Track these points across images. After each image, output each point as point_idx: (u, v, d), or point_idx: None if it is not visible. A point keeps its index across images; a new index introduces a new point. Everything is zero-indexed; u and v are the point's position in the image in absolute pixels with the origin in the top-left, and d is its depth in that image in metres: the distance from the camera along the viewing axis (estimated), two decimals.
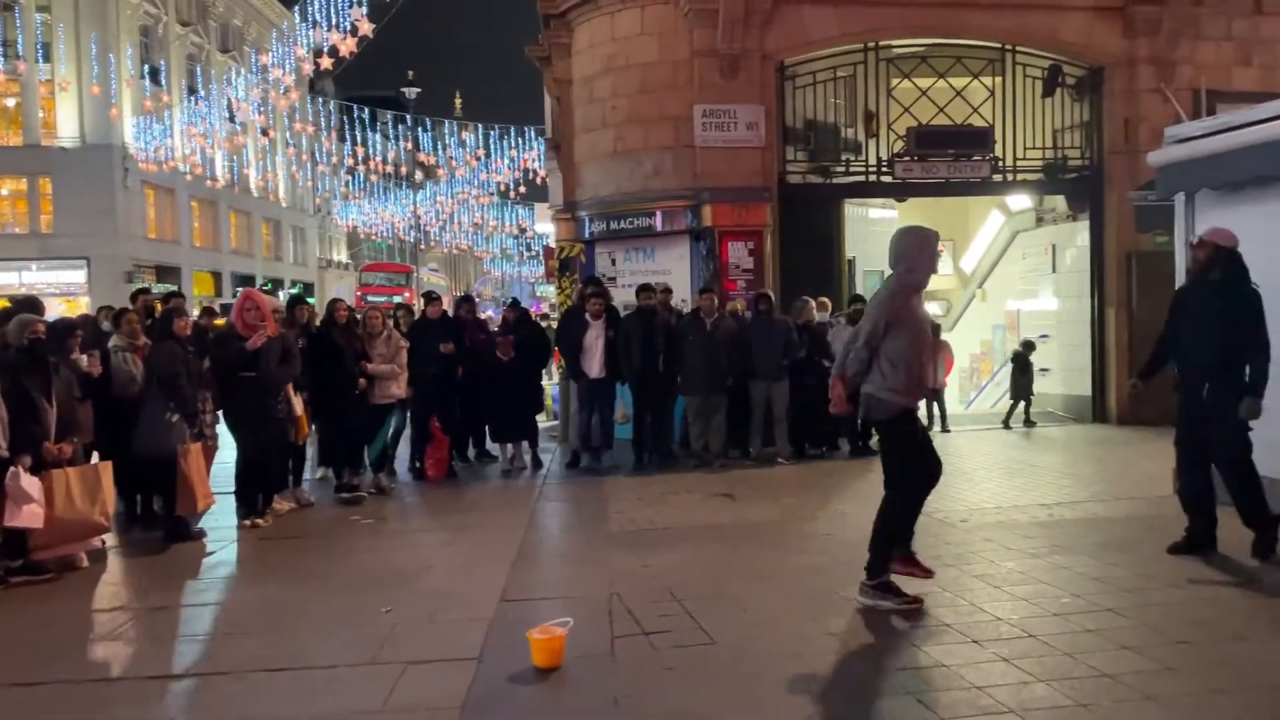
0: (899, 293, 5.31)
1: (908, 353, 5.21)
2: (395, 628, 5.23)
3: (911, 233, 5.53)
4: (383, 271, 41.22)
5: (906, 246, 5.39)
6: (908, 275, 5.36)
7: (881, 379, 5.26)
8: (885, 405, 5.28)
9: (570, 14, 13.06)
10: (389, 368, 9.07)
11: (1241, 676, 4.21)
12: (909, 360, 5.21)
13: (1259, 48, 13.17)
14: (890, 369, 5.23)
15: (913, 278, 5.36)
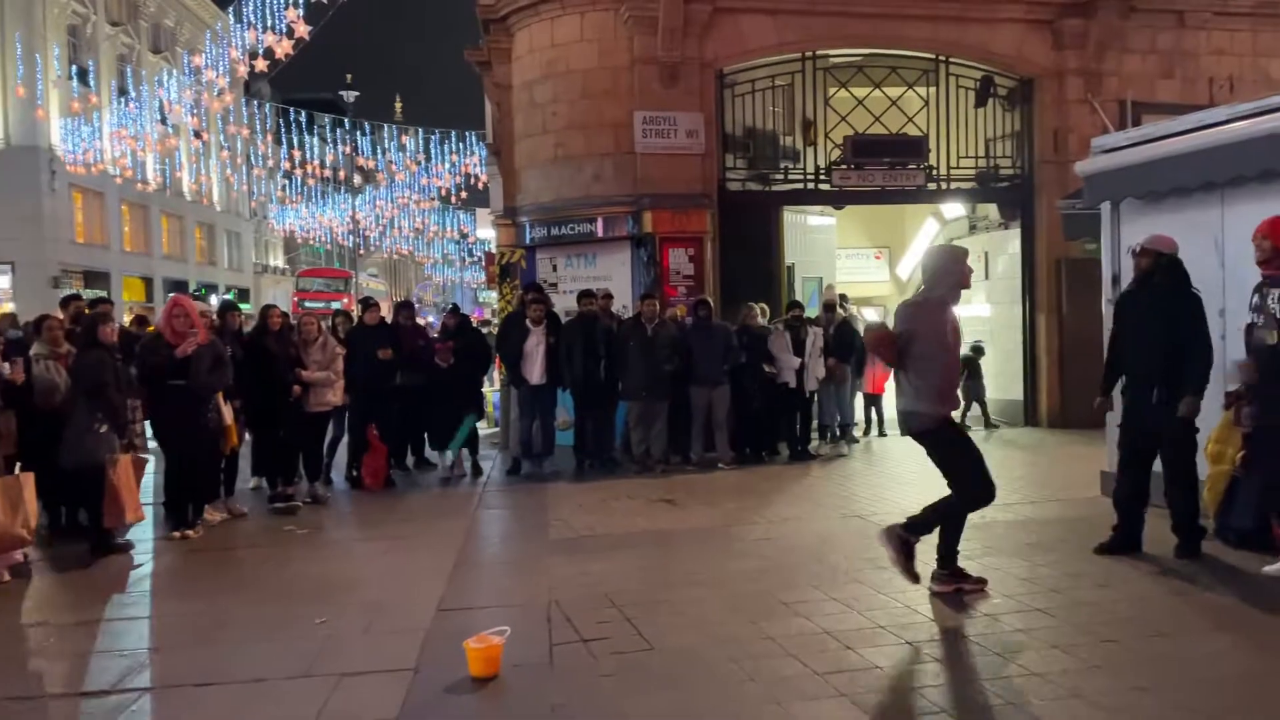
0: (923, 304, 5.46)
1: (931, 365, 5.35)
2: (329, 639, 5.15)
3: (936, 252, 5.74)
4: (320, 277, 40.51)
5: (930, 265, 5.56)
6: (930, 291, 5.52)
7: (914, 394, 5.38)
8: (921, 418, 5.41)
9: (510, 19, 13.01)
10: (325, 375, 8.94)
11: (1165, 673, 4.33)
12: (933, 371, 5.35)
13: (1181, 61, 13.60)
14: (920, 382, 5.35)
15: (935, 294, 5.50)
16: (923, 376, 5.36)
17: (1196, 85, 13.48)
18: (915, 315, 5.46)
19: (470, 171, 32.90)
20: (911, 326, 5.41)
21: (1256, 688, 4.12)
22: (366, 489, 9.74)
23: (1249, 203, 6.70)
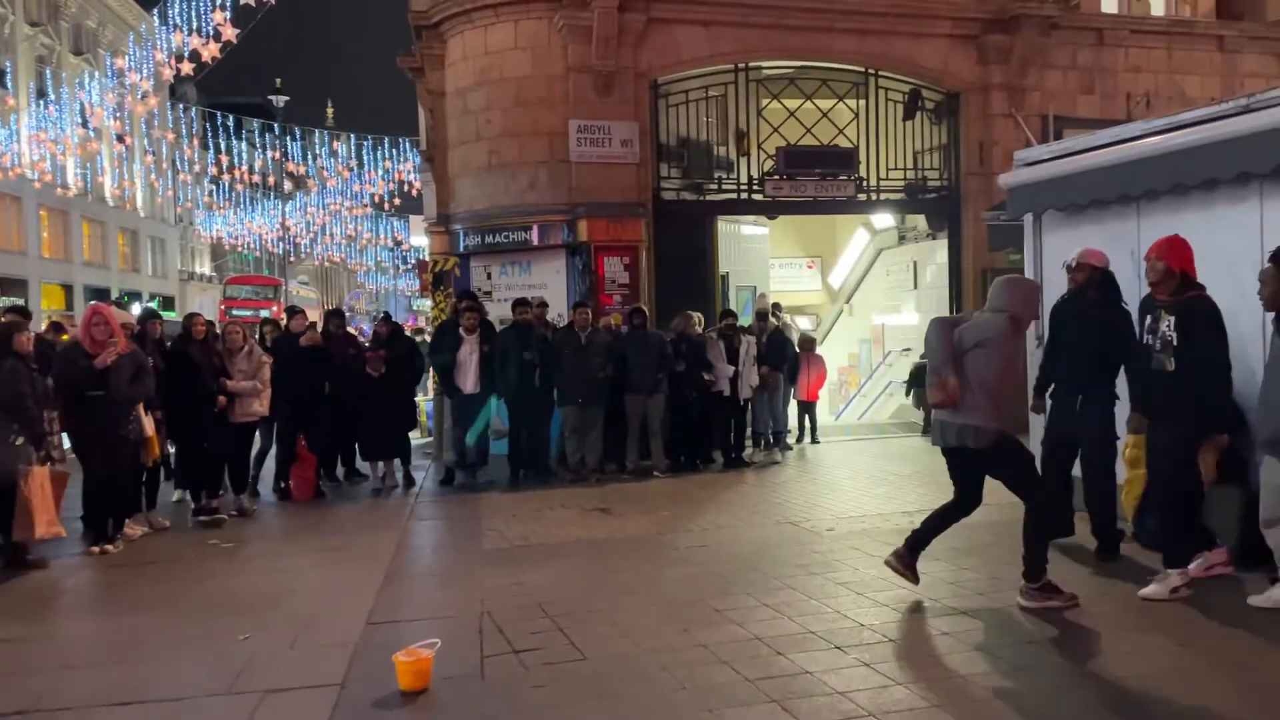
0: (1003, 325, 5.37)
1: (997, 380, 5.31)
2: (254, 655, 5.03)
3: (1019, 282, 5.72)
4: (249, 284, 39.73)
5: (1013, 292, 5.49)
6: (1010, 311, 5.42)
7: (974, 407, 5.28)
8: (983, 433, 5.30)
9: (443, 25, 12.92)
10: (250, 384, 8.75)
11: (1084, 673, 4.45)
12: (996, 387, 5.31)
13: (1101, 77, 14.06)
14: (984, 397, 5.27)
15: (1013, 317, 5.42)
16: (988, 392, 5.28)
17: (1115, 100, 13.95)
18: (995, 324, 5.37)
19: (404, 178, 32.55)
20: (988, 336, 5.34)
21: (1178, 685, 4.24)
22: (295, 501, 9.55)
23: (1163, 215, 6.93)
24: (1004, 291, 5.49)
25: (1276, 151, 5.80)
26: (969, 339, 5.34)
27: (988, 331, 5.34)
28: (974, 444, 5.33)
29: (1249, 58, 14.71)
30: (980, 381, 5.29)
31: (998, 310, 5.42)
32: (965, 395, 5.30)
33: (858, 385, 18.33)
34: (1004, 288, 5.53)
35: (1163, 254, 5.64)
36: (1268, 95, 6.07)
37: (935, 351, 5.44)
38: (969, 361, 5.32)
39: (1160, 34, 14.39)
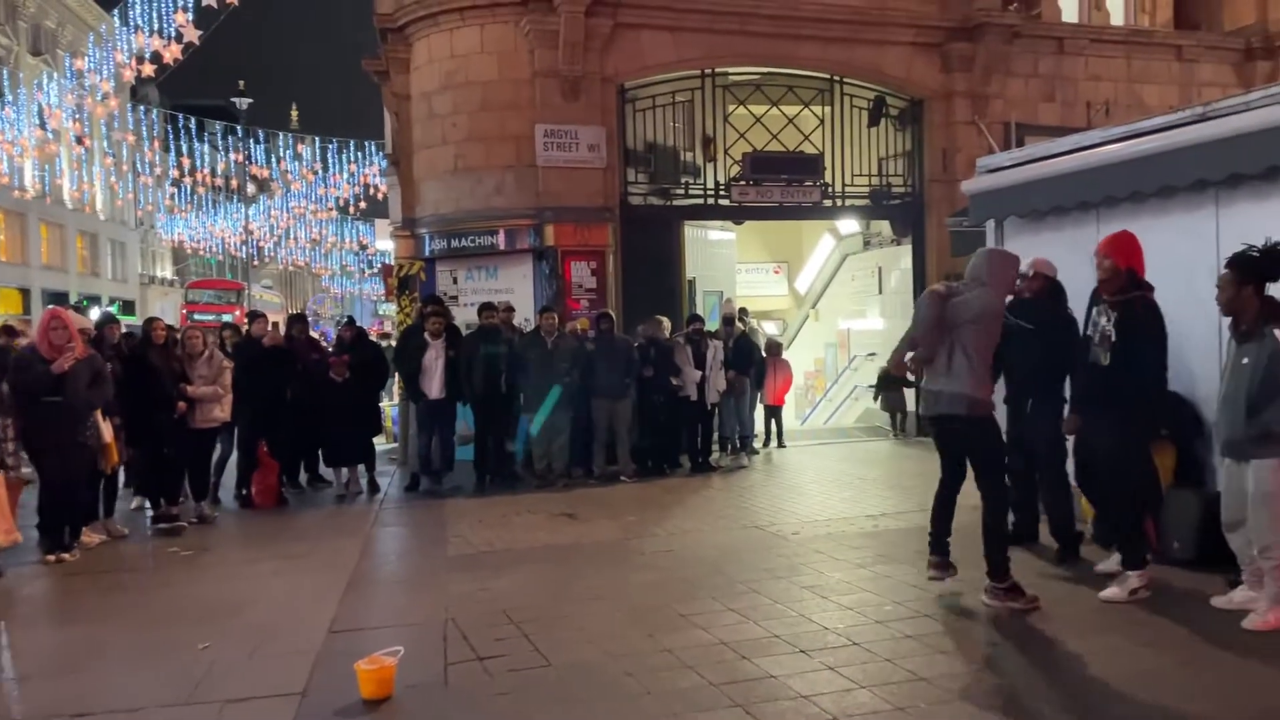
0: (988, 295, 5.42)
1: (988, 355, 5.42)
2: (213, 665, 4.96)
3: (993, 253, 5.82)
4: (211, 288, 39.22)
5: (987, 264, 5.56)
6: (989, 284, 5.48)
7: (968, 379, 5.34)
8: (976, 404, 5.37)
9: (408, 29, 12.84)
10: (211, 389, 8.63)
11: (1046, 674, 4.50)
12: (988, 362, 5.43)
13: (1062, 85, 14.25)
14: (980, 369, 5.35)
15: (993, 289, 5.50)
16: (980, 361, 5.37)
17: (1075, 108, 14.15)
18: (988, 301, 5.40)
19: (369, 182, 32.34)
20: (985, 311, 5.38)
21: (1140, 686, 4.29)
22: (257, 508, 9.43)
23: (1122, 221, 7.01)
24: (985, 264, 5.55)
25: (1232, 159, 5.91)
26: (964, 314, 5.37)
27: (982, 308, 5.38)
28: (966, 413, 5.39)
29: (1205, 67, 14.97)
30: (976, 355, 5.36)
31: (980, 281, 5.47)
32: (961, 365, 5.35)
33: (824, 390, 18.44)
34: (985, 261, 5.58)
35: (1110, 251, 5.75)
36: (1223, 104, 6.18)
37: (917, 329, 5.51)
38: (964, 335, 5.36)
39: (1119, 43, 14.61)
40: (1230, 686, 4.30)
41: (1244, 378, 4.97)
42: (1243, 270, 5.03)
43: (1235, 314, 5.10)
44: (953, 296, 5.43)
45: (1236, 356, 5.09)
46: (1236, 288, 5.04)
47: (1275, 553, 4.94)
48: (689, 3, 12.52)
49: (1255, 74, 14.66)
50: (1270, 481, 4.94)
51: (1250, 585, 5.18)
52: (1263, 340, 4.92)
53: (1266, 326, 4.94)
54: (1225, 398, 5.14)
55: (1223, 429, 5.18)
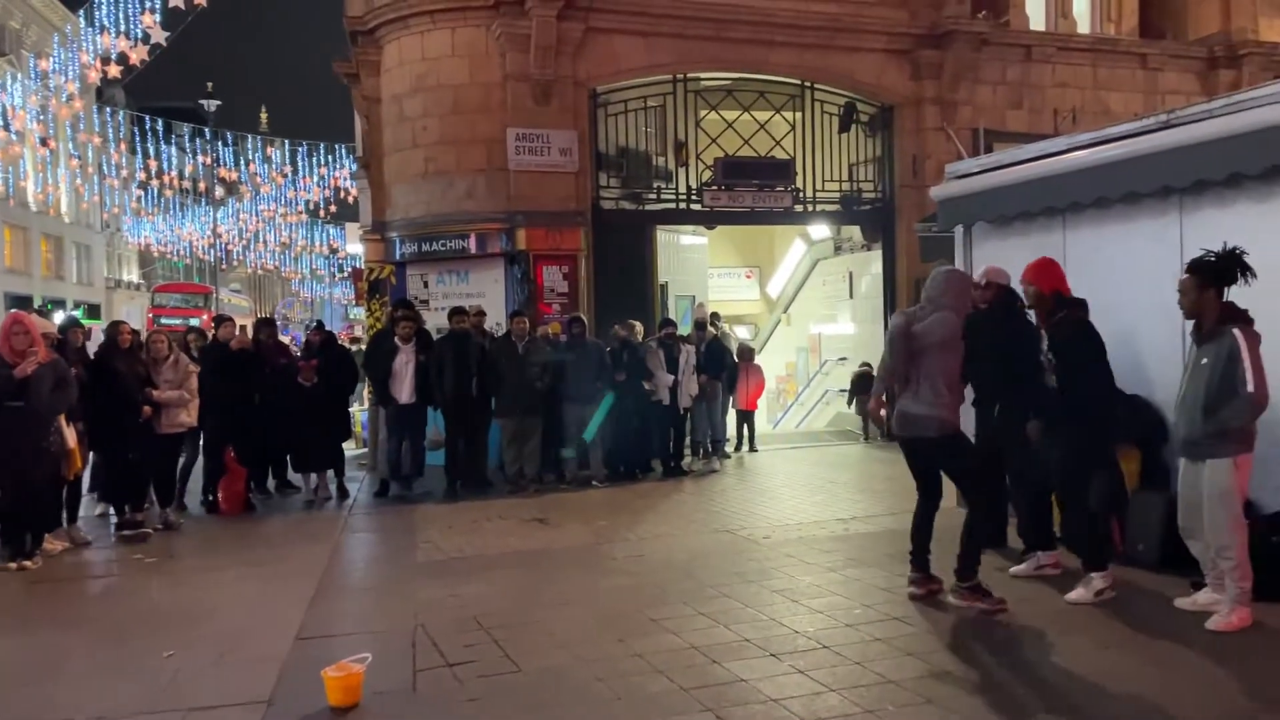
0: (949, 317, 5.53)
1: (956, 374, 5.55)
2: (178, 673, 4.89)
3: (951, 274, 5.87)
4: (178, 292, 38.72)
5: (946, 285, 5.64)
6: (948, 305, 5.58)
7: (937, 401, 5.45)
8: (944, 424, 5.47)
9: (379, 31, 12.78)
10: (176, 394, 8.52)
11: (1013, 675, 4.53)
12: (956, 381, 5.57)
13: (1029, 92, 14.41)
14: (945, 390, 5.47)
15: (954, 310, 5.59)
16: (950, 386, 5.51)
17: (1043, 115, 14.31)
18: (949, 323, 5.52)
19: (340, 185, 32.12)
20: (948, 334, 5.51)
21: (1108, 686, 4.33)
22: (224, 514, 9.33)
23: (1087, 227, 7.12)
24: (941, 285, 5.64)
25: (1196, 166, 6.00)
26: (928, 339, 5.49)
27: (944, 331, 5.49)
28: (935, 434, 5.50)
29: (1170, 75, 15.19)
30: (942, 377, 5.47)
31: (938, 304, 5.56)
32: (927, 389, 5.46)
33: (795, 394, 18.51)
34: (942, 282, 5.67)
35: (1032, 279, 6.01)
36: (1188, 111, 6.27)
37: (886, 364, 5.67)
38: (931, 358, 5.47)
39: (1086, 51, 14.79)
40: (1195, 687, 4.35)
41: (1203, 378, 5.04)
42: (1203, 274, 5.13)
43: (1197, 317, 5.19)
44: (915, 323, 5.57)
45: (1196, 358, 5.17)
46: (1198, 291, 5.14)
47: (1233, 552, 5.01)
48: (662, 8, 12.55)
49: (1218, 82, 14.89)
50: (1226, 481, 5.01)
51: (1213, 587, 5.25)
52: (1222, 339, 4.99)
53: (1227, 325, 5.01)
54: (1184, 398, 5.22)
55: (1181, 429, 5.25)
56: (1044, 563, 6.22)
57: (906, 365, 5.53)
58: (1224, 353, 4.96)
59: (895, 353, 5.56)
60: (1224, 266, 5.09)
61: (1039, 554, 6.25)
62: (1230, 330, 4.99)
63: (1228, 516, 5.02)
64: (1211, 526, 5.08)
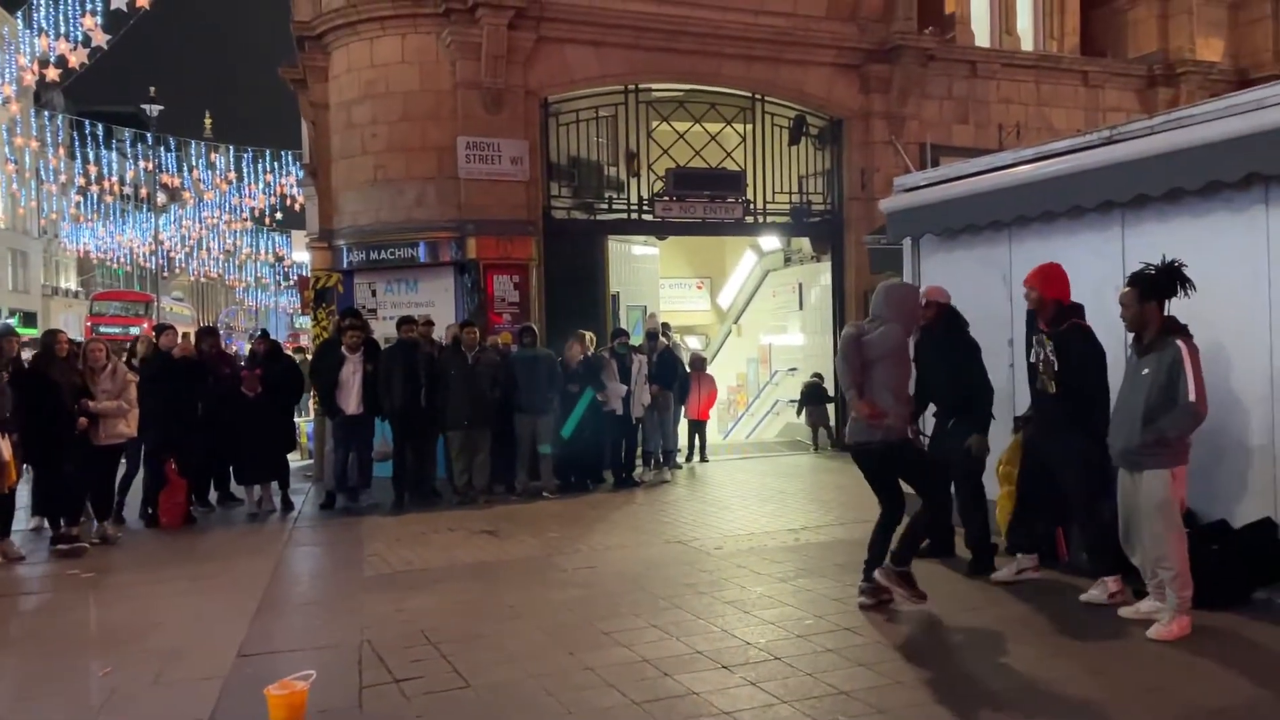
0: (895, 330, 5.63)
1: (903, 385, 5.69)
2: (114, 692, 4.74)
3: (899, 287, 6.04)
4: (118, 300, 37.86)
5: (893, 298, 5.74)
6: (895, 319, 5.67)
7: (884, 408, 5.52)
8: (892, 432, 5.56)
9: (327, 37, 12.62)
10: (115, 405, 8.30)
11: (967, 685, 4.55)
12: (903, 392, 5.66)
13: (974, 107, 14.66)
14: (893, 400, 5.54)
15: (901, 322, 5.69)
16: (897, 396, 5.59)
17: (988, 130, 14.56)
18: (895, 336, 5.61)
19: (286, 192, 31.66)
20: (894, 346, 5.60)
21: (1057, 694, 4.37)
22: (164, 527, 9.10)
23: (1033, 241, 7.23)
24: (884, 300, 5.76)
25: (1137, 181, 6.12)
26: (875, 352, 5.60)
27: (890, 344, 5.60)
28: (881, 439, 5.59)
29: (1110, 92, 15.56)
30: (890, 388, 5.58)
31: (884, 317, 5.67)
32: (874, 399, 5.55)
33: (746, 404, 18.58)
34: (885, 297, 5.78)
35: (1036, 284, 5.97)
36: (1129, 128, 6.40)
37: (843, 374, 5.69)
38: (879, 371, 5.59)
39: (1029, 68, 15.09)
40: (1139, 695, 4.40)
41: (1143, 388, 5.10)
42: (1143, 287, 5.21)
43: (1139, 329, 5.27)
44: (864, 335, 5.66)
45: (1137, 368, 5.23)
46: (1139, 304, 5.21)
47: (1171, 562, 5.09)
48: (613, 18, 12.55)
49: (1157, 99, 15.28)
50: (1164, 492, 5.08)
51: (1155, 596, 5.33)
52: (1165, 350, 5.07)
53: (1170, 337, 5.10)
54: (1121, 408, 5.27)
55: (1118, 439, 5.27)
56: (1025, 566, 6.26)
57: (859, 375, 5.59)
58: (1166, 363, 5.05)
59: (848, 363, 5.62)
60: (1164, 280, 5.19)
61: (1019, 556, 6.29)
62: (1174, 341, 5.08)
63: (1166, 527, 5.10)
64: (1151, 537, 5.16)
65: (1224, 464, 6.02)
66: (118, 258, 44.72)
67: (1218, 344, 5.89)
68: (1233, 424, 5.95)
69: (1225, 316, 5.95)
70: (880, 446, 5.62)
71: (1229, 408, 5.93)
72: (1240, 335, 5.89)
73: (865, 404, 5.54)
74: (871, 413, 5.53)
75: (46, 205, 41.52)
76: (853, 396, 5.60)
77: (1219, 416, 5.95)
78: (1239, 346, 5.89)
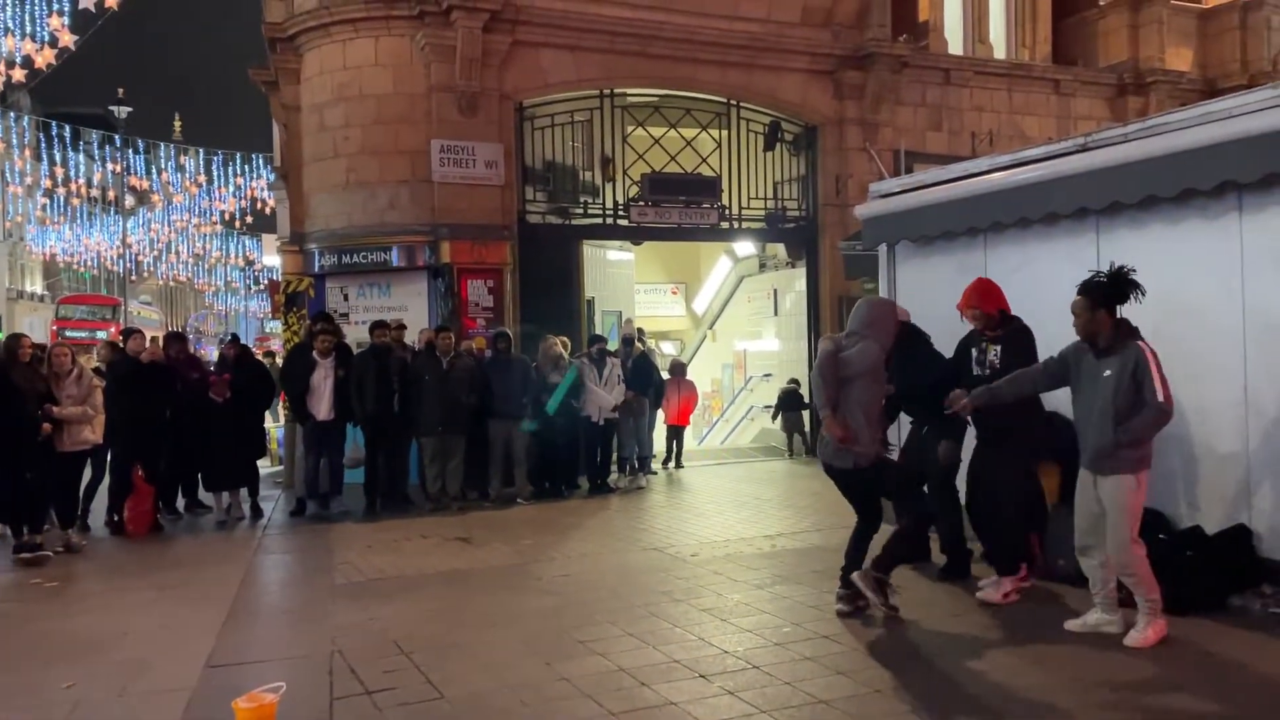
0: (878, 354, 5.61)
1: (878, 404, 5.68)
2: (77, 706, 4.62)
3: (876, 303, 6.01)
4: (85, 304, 37.33)
5: (870, 314, 5.73)
6: (871, 335, 5.65)
7: (858, 431, 5.52)
8: (863, 455, 5.55)
9: (299, 39, 12.49)
10: (79, 410, 8.14)
11: (945, 693, 4.53)
12: (878, 411, 5.65)
13: (948, 114, 14.75)
14: (865, 421, 5.53)
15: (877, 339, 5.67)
16: (869, 417, 5.56)
17: (961, 137, 14.66)
18: (871, 352, 5.59)
19: (257, 195, 31.35)
20: (871, 364, 5.58)
21: (1035, 703, 4.36)
22: (130, 535, 8.94)
23: (1008, 247, 7.26)
24: (864, 316, 5.73)
25: (1113, 188, 6.15)
26: (852, 369, 5.57)
27: (867, 361, 5.58)
28: (853, 465, 5.58)
29: (1082, 101, 15.71)
30: (864, 407, 5.55)
31: (861, 334, 5.65)
32: (846, 419, 5.52)
33: (721, 410, 18.57)
34: (866, 313, 5.76)
35: (975, 303, 6.14)
36: (1103, 135, 6.44)
37: (819, 390, 5.63)
38: (856, 389, 5.55)
39: (1002, 76, 15.20)
40: (1120, 700, 4.39)
41: (1108, 389, 5.04)
42: (1093, 295, 5.14)
43: (1091, 337, 5.18)
44: (842, 351, 5.64)
45: (1097, 370, 5.13)
46: (1090, 312, 5.14)
47: (1134, 568, 5.03)
48: (589, 23, 12.51)
49: (1127, 108, 15.44)
50: (1129, 498, 5.03)
51: (1103, 608, 5.30)
52: (1126, 352, 5.02)
53: (1129, 340, 5.07)
54: (1086, 413, 5.18)
55: (1090, 442, 5.18)
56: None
57: (835, 391, 5.55)
58: (1129, 365, 4.99)
59: (825, 378, 5.56)
60: (1113, 287, 5.13)
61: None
62: (1134, 343, 5.04)
63: (1130, 533, 5.04)
64: (1115, 544, 5.08)
65: (1198, 471, 6.06)
66: (85, 261, 44.12)
67: (1191, 350, 5.92)
68: (1206, 431, 5.99)
69: (1199, 323, 5.99)
70: (850, 473, 5.65)
71: (1203, 414, 5.97)
72: (1214, 342, 5.92)
73: (838, 425, 5.51)
74: (843, 436, 5.50)
75: (12, 208, 40.87)
76: (827, 415, 5.56)
77: (1193, 423, 6.01)
78: (1212, 353, 5.92)
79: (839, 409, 5.54)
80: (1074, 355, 5.33)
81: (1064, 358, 5.41)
